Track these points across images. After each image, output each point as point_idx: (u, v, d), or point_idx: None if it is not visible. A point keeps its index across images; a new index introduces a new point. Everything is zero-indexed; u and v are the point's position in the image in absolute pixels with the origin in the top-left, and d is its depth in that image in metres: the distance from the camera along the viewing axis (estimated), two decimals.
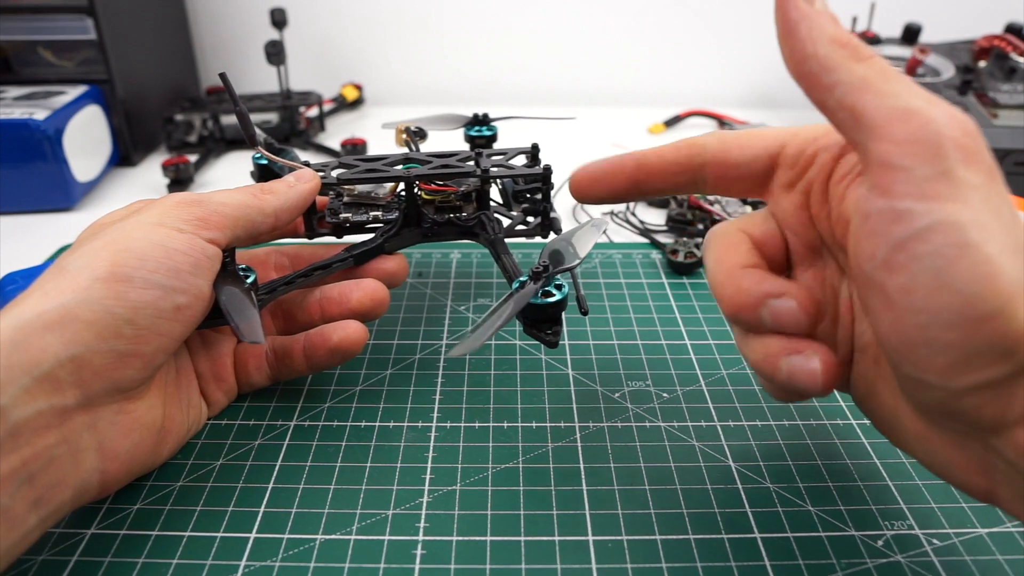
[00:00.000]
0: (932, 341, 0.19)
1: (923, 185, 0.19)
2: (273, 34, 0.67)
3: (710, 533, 0.27)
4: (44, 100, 0.53)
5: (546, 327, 0.30)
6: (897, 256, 0.19)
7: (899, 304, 0.20)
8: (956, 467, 0.22)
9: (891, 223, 0.20)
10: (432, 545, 0.27)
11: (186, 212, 0.28)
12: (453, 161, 0.36)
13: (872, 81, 0.21)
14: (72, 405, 0.23)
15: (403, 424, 0.33)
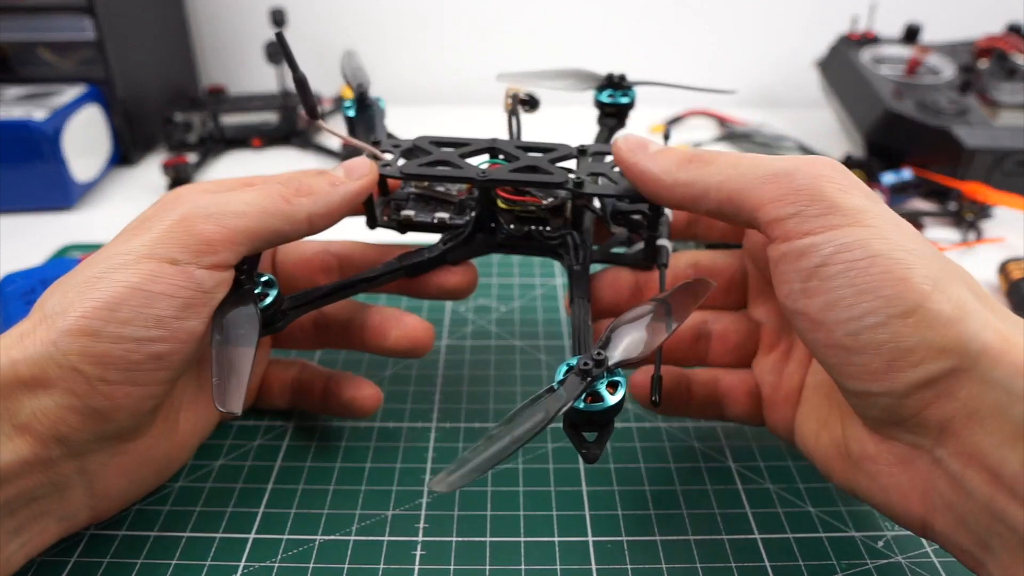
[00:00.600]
0: (864, 347, 0.20)
1: (815, 221, 0.21)
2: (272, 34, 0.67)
3: (710, 534, 0.27)
4: (43, 100, 0.53)
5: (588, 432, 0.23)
6: (810, 283, 0.21)
7: (825, 322, 0.21)
8: (897, 492, 0.22)
9: (798, 259, 0.21)
10: (432, 546, 0.27)
11: (188, 234, 0.24)
12: (545, 161, 0.28)
13: (728, 172, 0.23)
14: (57, 456, 0.22)
15: (403, 425, 0.32)
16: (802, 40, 0.75)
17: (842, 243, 0.20)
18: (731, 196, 0.23)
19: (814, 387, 0.26)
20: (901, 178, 0.52)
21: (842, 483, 0.24)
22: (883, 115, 0.56)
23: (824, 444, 0.25)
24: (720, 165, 0.24)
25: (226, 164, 0.63)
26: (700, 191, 0.24)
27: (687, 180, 0.24)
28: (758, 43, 0.79)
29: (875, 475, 0.23)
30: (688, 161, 0.24)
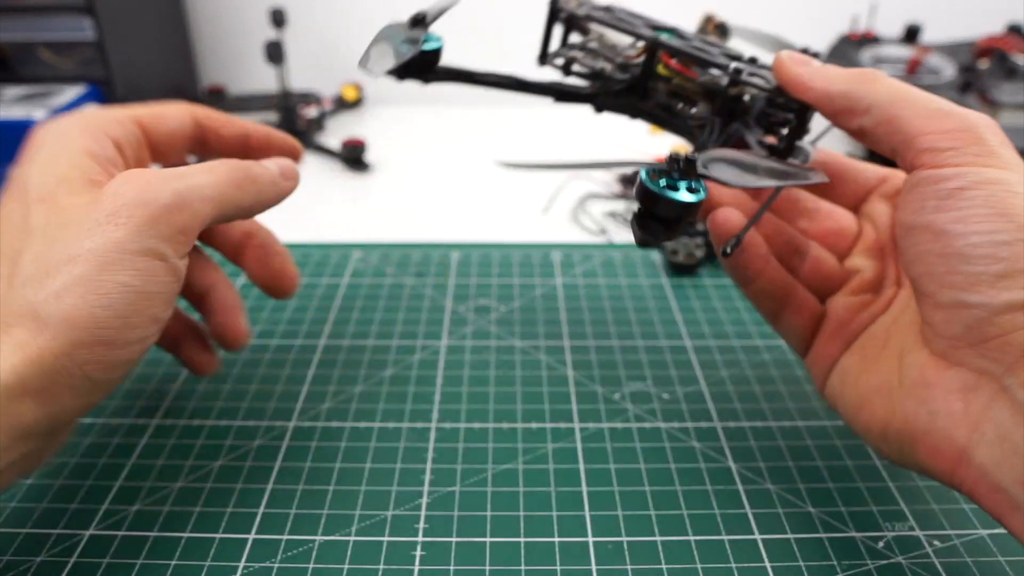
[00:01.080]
0: (981, 258, 0.21)
1: (972, 158, 0.22)
2: (273, 34, 0.67)
3: (710, 534, 0.27)
4: (43, 99, 0.53)
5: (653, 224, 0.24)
6: (947, 200, 0.22)
7: (950, 232, 0.22)
8: (946, 419, 0.22)
9: (940, 182, 0.22)
10: (432, 546, 0.27)
11: (169, 226, 0.24)
12: (716, 51, 0.30)
13: (898, 94, 0.24)
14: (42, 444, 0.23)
15: (403, 425, 0.32)
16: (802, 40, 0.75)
17: (989, 177, 0.22)
18: (894, 117, 0.24)
19: (870, 334, 0.27)
20: None
21: (874, 419, 0.25)
22: None
23: (865, 383, 0.26)
24: (889, 85, 0.24)
25: None
26: (864, 106, 0.24)
27: (854, 93, 0.25)
28: None
29: (926, 401, 0.23)
30: (859, 76, 0.25)
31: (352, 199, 0.57)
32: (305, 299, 0.42)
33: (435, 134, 0.70)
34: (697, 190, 0.23)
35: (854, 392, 0.26)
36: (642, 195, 0.23)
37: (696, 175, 0.23)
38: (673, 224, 0.24)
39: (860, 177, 0.30)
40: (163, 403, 0.34)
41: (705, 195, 0.23)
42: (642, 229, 0.24)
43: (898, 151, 0.24)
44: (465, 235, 0.50)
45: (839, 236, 0.31)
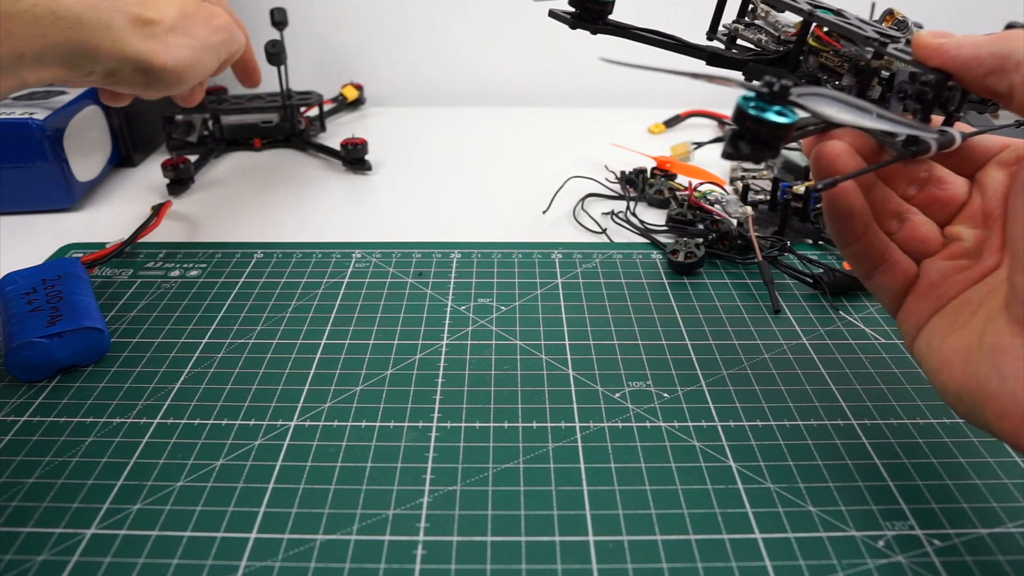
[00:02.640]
0: None
1: None
2: (273, 34, 0.67)
3: (711, 533, 0.27)
4: (44, 100, 0.53)
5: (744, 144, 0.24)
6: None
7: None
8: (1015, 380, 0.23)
9: None
10: (432, 545, 0.27)
11: None
12: (870, 29, 0.31)
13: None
14: None
15: (403, 424, 0.32)
16: None
17: None
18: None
19: (966, 299, 0.27)
20: None
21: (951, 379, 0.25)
22: None
23: (949, 344, 0.26)
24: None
25: (227, 165, 0.63)
26: (1014, 62, 0.24)
27: (1002, 50, 0.25)
28: None
29: (999, 365, 0.23)
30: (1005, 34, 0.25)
31: (352, 199, 0.57)
32: (306, 299, 0.42)
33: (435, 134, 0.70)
34: (786, 114, 0.23)
35: (938, 353, 0.26)
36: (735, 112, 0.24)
37: (787, 101, 0.23)
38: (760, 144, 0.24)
39: (981, 145, 0.30)
40: (164, 402, 0.34)
41: (793, 120, 0.23)
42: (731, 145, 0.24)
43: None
44: (465, 235, 0.50)
45: (946, 203, 0.31)
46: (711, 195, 0.53)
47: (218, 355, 0.37)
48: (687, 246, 0.45)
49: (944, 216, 0.31)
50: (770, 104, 0.23)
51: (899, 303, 0.30)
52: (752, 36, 0.35)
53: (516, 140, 0.69)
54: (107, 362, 0.37)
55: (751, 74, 0.34)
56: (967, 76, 0.26)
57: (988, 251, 0.28)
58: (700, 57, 0.34)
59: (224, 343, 0.38)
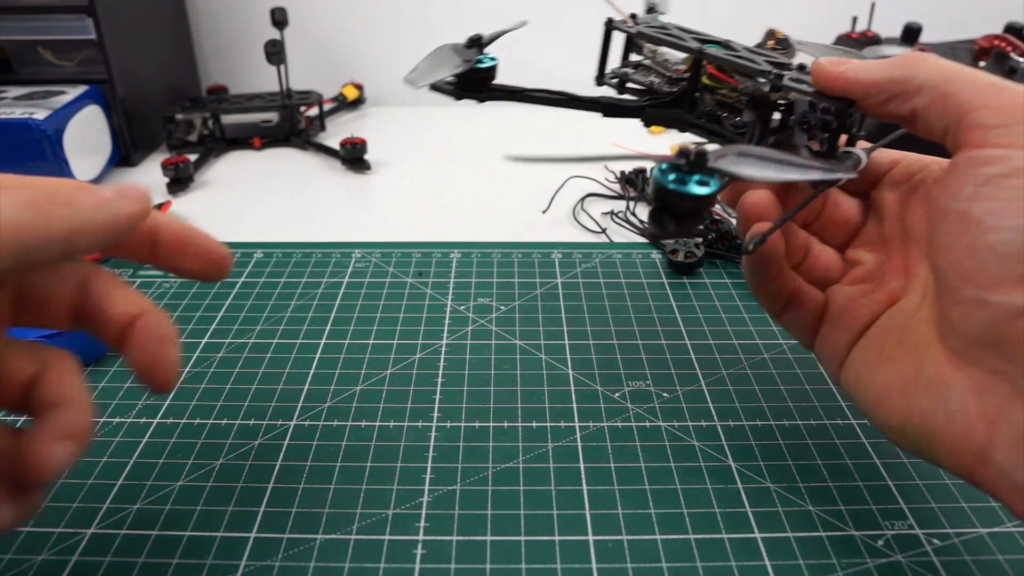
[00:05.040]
0: (1010, 256, 0.21)
1: (1019, 138, 0.21)
2: (273, 34, 0.67)
3: (710, 533, 0.27)
4: (44, 100, 0.53)
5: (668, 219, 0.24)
6: (985, 188, 0.22)
7: (984, 223, 0.21)
8: (963, 419, 0.22)
9: (983, 164, 0.22)
10: (432, 545, 0.27)
11: None
12: (760, 59, 0.30)
13: (949, 71, 0.24)
14: None
15: (403, 424, 0.32)
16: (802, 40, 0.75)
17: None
18: (948, 93, 0.23)
19: (884, 328, 0.27)
20: None
21: (892, 417, 0.25)
22: None
23: (883, 376, 0.25)
24: (940, 63, 0.24)
25: (227, 164, 0.63)
26: (916, 85, 0.24)
27: (902, 75, 0.25)
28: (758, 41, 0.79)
29: (943, 401, 0.23)
30: (903, 58, 0.25)
31: (352, 199, 0.57)
32: (306, 299, 0.42)
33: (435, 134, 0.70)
34: (708, 183, 0.23)
35: (871, 387, 0.26)
36: (653, 189, 0.23)
37: (707, 168, 0.23)
38: (685, 218, 0.23)
39: (872, 164, 0.30)
40: (164, 402, 0.34)
41: (716, 188, 0.23)
42: (654, 223, 0.24)
43: (950, 129, 0.23)
44: (465, 235, 0.50)
45: (842, 225, 0.30)
46: None
47: (218, 355, 0.37)
48: (687, 246, 0.45)
49: (840, 238, 0.31)
50: (689, 174, 0.23)
51: (813, 335, 0.29)
52: (643, 79, 0.34)
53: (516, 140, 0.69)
54: (107, 362, 0.37)
55: (649, 119, 0.33)
56: (869, 102, 0.26)
57: (890, 273, 0.28)
58: (595, 109, 0.33)
59: (224, 343, 0.38)
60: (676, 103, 0.32)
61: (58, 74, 0.58)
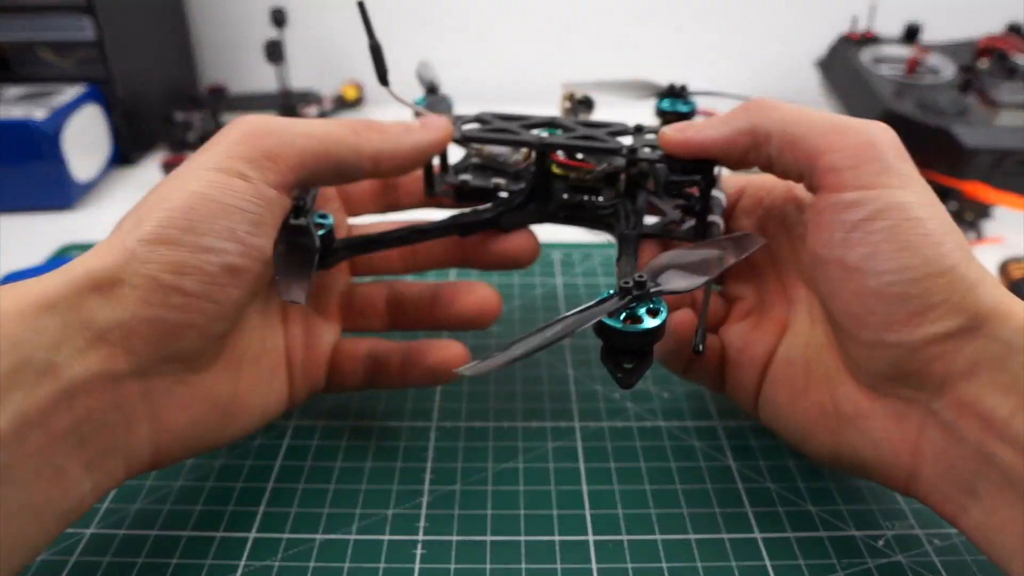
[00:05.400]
0: (894, 297, 0.22)
1: (870, 178, 0.23)
2: (273, 34, 0.67)
3: (710, 533, 0.27)
4: (43, 99, 0.53)
5: (624, 360, 0.23)
6: (853, 234, 0.23)
7: (862, 270, 0.22)
8: (888, 446, 0.23)
9: (845, 210, 0.23)
10: (432, 545, 0.27)
11: (253, 148, 0.24)
12: (601, 133, 0.30)
13: (794, 117, 0.24)
14: (125, 372, 0.22)
15: (403, 424, 0.32)
16: (802, 40, 0.75)
17: (892, 202, 0.22)
18: (795, 140, 0.24)
19: (786, 360, 0.27)
20: None
21: (822, 449, 0.26)
22: (883, 115, 0.56)
23: (802, 411, 0.26)
24: (784, 111, 0.25)
25: None
26: (763, 135, 0.25)
27: (749, 125, 0.25)
28: (758, 43, 0.79)
29: (867, 432, 0.24)
30: (746, 108, 0.26)
31: None
32: None
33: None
34: (658, 310, 0.23)
35: (792, 422, 0.27)
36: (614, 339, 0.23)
37: (650, 295, 0.23)
38: (649, 352, 0.23)
39: None
40: None
41: (667, 311, 0.23)
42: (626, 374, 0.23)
43: (804, 173, 0.24)
44: None
45: None
46: None
47: None
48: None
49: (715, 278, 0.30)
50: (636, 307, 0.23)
51: (721, 380, 0.30)
52: (483, 183, 0.31)
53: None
54: None
55: (508, 225, 0.31)
56: (728, 159, 0.26)
57: (770, 301, 0.29)
58: (452, 234, 0.30)
59: None
60: (529, 201, 0.31)
61: (57, 74, 0.58)
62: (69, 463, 0.21)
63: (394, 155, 0.27)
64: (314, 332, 0.30)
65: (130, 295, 0.22)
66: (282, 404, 0.28)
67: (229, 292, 0.23)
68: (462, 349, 0.29)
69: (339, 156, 0.25)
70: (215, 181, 0.23)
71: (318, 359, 0.30)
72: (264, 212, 0.24)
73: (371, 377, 0.30)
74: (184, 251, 0.22)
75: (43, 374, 0.20)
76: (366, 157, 0.26)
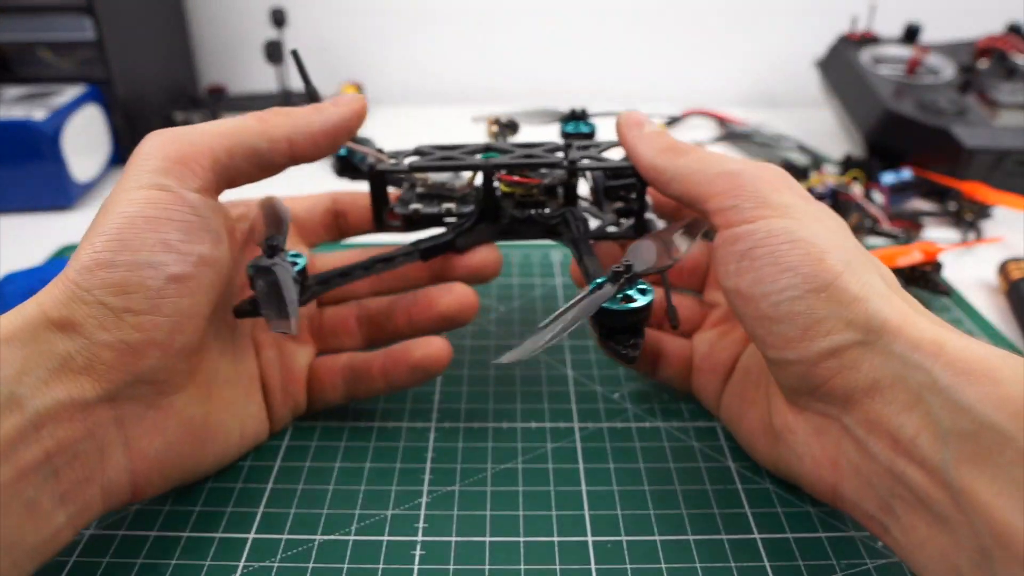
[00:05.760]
0: (783, 317, 0.23)
1: (749, 212, 0.24)
2: (273, 34, 0.67)
3: (709, 534, 0.27)
4: (43, 100, 0.53)
5: (624, 339, 0.26)
6: (742, 263, 0.24)
7: (753, 296, 0.24)
8: (812, 461, 0.24)
9: (733, 243, 0.24)
10: (431, 546, 0.27)
11: (164, 159, 0.24)
12: (539, 151, 0.33)
13: (692, 165, 0.26)
14: (93, 399, 0.22)
15: (402, 424, 0.32)
16: (802, 40, 0.75)
17: (769, 230, 0.24)
18: (691, 187, 0.26)
19: (744, 370, 0.29)
20: (901, 178, 0.52)
21: (765, 459, 0.28)
22: (883, 115, 0.56)
23: (748, 422, 0.28)
24: (690, 159, 0.27)
25: None
26: (669, 178, 0.27)
27: (662, 167, 0.27)
28: (758, 43, 0.79)
29: (793, 445, 0.25)
30: (667, 149, 0.28)
31: None
32: None
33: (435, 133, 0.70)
34: (645, 288, 0.26)
35: (741, 430, 0.29)
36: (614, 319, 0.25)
37: (638, 277, 0.26)
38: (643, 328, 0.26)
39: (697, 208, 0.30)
40: None
41: (652, 292, 0.26)
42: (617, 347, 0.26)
43: (705, 214, 0.26)
44: None
45: (693, 272, 0.33)
46: None
47: None
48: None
49: (695, 283, 0.33)
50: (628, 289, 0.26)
51: (687, 383, 0.32)
52: (433, 209, 0.33)
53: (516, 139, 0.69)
54: None
55: (463, 246, 0.33)
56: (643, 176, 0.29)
57: None
58: (414, 260, 0.32)
59: None
60: (480, 221, 0.32)
61: (57, 74, 0.58)
62: (41, 496, 0.21)
63: (307, 135, 0.27)
64: (288, 355, 0.31)
65: (84, 324, 0.22)
66: (263, 427, 0.30)
67: (178, 303, 0.23)
68: (444, 342, 0.30)
69: (253, 146, 0.26)
70: (136, 199, 0.23)
71: (296, 380, 0.31)
72: (192, 217, 0.24)
73: (352, 387, 0.31)
74: (122, 270, 0.23)
75: (7, 407, 0.20)
76: (280, 140, 0.26)
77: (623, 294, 0.25)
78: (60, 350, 0.22)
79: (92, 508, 0.23)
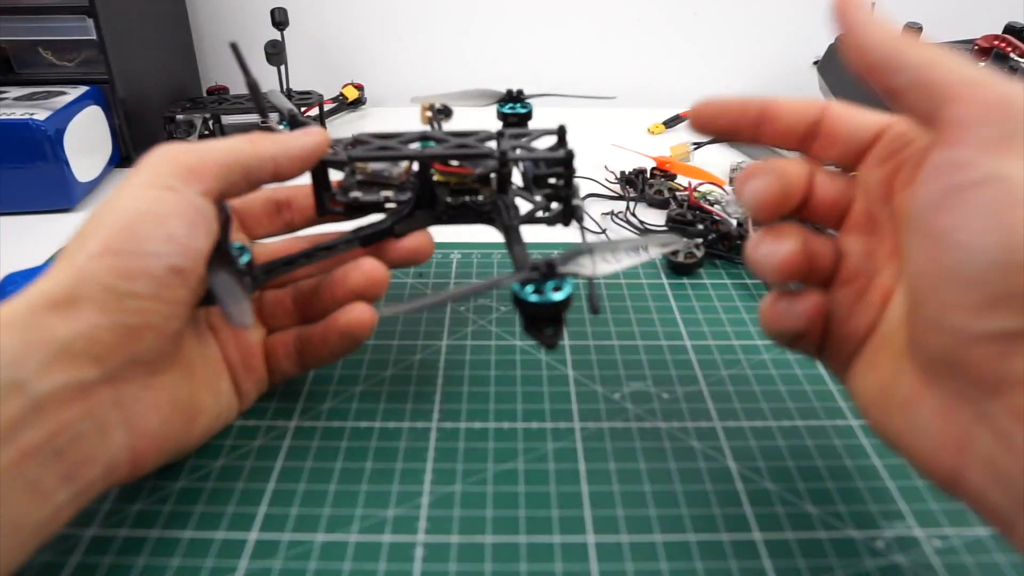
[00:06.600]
0: (968, 278, 0.19)
1: (988, 142, 0.20)
2: (273, 34, 0.67)
3: (710, 534, 0.27)
4: (45, 100, 0.53)
5: (544, 327, 0.27)
6: (948, 199, 0.20)
7: (944, 240, 0.20)
8: (931, 439, 0.22)
9: (951, 170, 0.20)
10: (432, 546, 0.27)
11: (176, 165, 0.27)
12: (472, 141, 0.34)
13: (941, 58, 0.22)
14: (93, 379, 0.23)
15: (403, 424, 0.33)
16: (802, 40, 0.75)
17: (996, 173, 0.19)
18: (932, 79, 0.22)
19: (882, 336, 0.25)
20: None
21: (876, 426, 0.24)
22: None
23: (868, 384, 0.25)
24: (934, 49, 0.23)
25: None
26: (900, 64, 0.23)
27: (903, 51, 0.23)
28: (758, 43, 0.79)
29: (913, 419, 0.22)
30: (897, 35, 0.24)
31: None
32: None
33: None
34: (561, 287, 0.27)
35: (858, 393, 0.25)
36: (530, 309, 0.27)
37: (558, 275, 0.26)
38: (556, 321, 0.27)
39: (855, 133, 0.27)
40: None
41: (572, 288, 0.27)
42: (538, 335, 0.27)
43: (930, 119, 0.22)
44: (465, 235, 0.50)
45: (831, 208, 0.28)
46: (711, 195, 0.53)
47: None
48: (687, 246, 0.45)
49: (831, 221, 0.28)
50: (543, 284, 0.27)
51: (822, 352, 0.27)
52: (373, 198, 0.34)
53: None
54: None
55: (400, 232, 0.34)
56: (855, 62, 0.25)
57: (881, 261, 0.26)
58: (354, 247, 0.33)
59: None
60: (417, 208, 0.34)
61: (58, 74, 0.58)
62: (44, 476, 0.22)
63: (289, 156, 0.30)
64: (242, 335, 0.32)
65: (87, 307, 0.23)
66: (233, 405, 0.32)
67: (176, 291, 0.26)
68: (367, 307, 0.32)
69: (246, 163, 0.29)
70: (147, 196, 0.26)
71: (254, 356, 0.32)
72: (196, 217, 0.26)
73: (302, 358, 0.33)
74: (130, 258, 0.25)
75: (8, 392, 0.21)
76: (267, 160, 0.29)
77: (538, 287, 0.27)
78: (61, 334, 0.23)
79: (94, 486, 0.24)
